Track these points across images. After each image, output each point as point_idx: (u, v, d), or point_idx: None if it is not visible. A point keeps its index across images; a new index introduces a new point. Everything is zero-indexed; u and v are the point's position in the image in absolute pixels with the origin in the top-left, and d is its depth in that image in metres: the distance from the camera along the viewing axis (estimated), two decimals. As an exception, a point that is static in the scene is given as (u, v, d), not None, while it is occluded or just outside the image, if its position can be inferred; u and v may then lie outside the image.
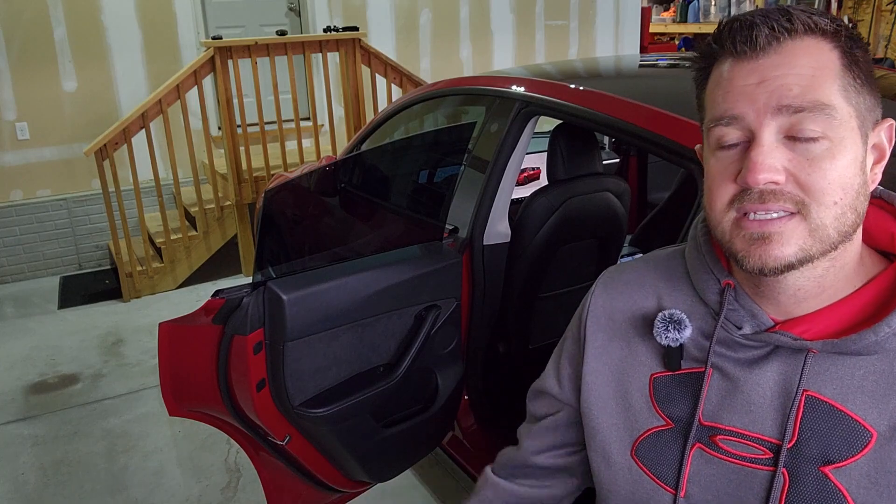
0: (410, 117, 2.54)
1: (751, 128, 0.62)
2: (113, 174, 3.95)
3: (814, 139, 0.60)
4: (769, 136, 0.61)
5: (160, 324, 1.51)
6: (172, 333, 1.52)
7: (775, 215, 0.62)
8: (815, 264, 0.64)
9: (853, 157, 0.61)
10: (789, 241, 0.62)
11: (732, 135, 0.64)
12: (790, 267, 0.63)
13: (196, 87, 4.05)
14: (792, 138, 0.61)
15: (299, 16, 5.22)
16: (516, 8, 5.93)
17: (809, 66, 0.61)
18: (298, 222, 1.96)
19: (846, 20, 5.53)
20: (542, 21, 6.09)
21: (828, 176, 0.60)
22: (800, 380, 0.66)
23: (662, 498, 0.73)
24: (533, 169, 3.11)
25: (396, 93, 4.62)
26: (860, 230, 0.66)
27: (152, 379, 3.26)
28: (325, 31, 4.51)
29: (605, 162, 2.85)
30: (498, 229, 1.97)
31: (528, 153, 2.08)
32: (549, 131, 2.05)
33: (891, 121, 0.65)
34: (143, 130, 3.97)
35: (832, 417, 0.64)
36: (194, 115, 4.26)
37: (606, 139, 3.21)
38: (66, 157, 4.59)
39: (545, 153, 2.07)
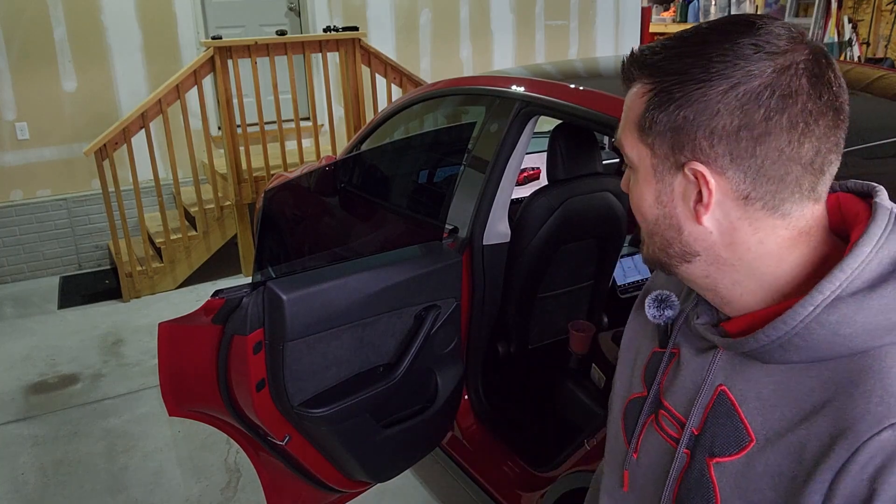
0: (410, 117, 2.54)
1: None
2: (113, 174, 3.95)
3: (630, 168, 0.71)
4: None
5: (160, 324, 1.51)
6: (172, 333, 1.52)
7: None
8: (688, 275, 0.71)
9: (647, 191, 0.69)
10: (645, 244, 0.74)
11: None
12: (650, 265, 0.74)
13: (196, 87, 4.05)
14: None
15: (299, 16, 5.22)
16: (516, 8, 5.93)
17: (624, 110, 0.70)
18: (298, 222, 1.96)
19: (846, 20, 5.52)
20: (542, 21, 6.09)
21: (631, 200, 0.72)
22: (707, 373, 0.71)
23: (622, 454, 0.83)
24: (533, 169, 3.11)
25: (396, 93, 4.62)
26: (746, 254, 0.66)
27: (152, 379, 3.26)
28: (325, 31, 4.51)
29: (605, 162, 2.85)
30: (498, 229, 1.97)
31: (528, 153, 2.08)
32: (549, 131, 2.05)
33: (696, 165, 0.64)
34: (143, 130, 3.97)
35: (729, 415, 0.69)
36: (194, 115, 4.26)
37: (606, 139, 3.20)
38: (66, 157, 4.59)
39: (545, 153, 2.07)
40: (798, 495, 0.61)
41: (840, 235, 0.67)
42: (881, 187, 0.68)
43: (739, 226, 0.65)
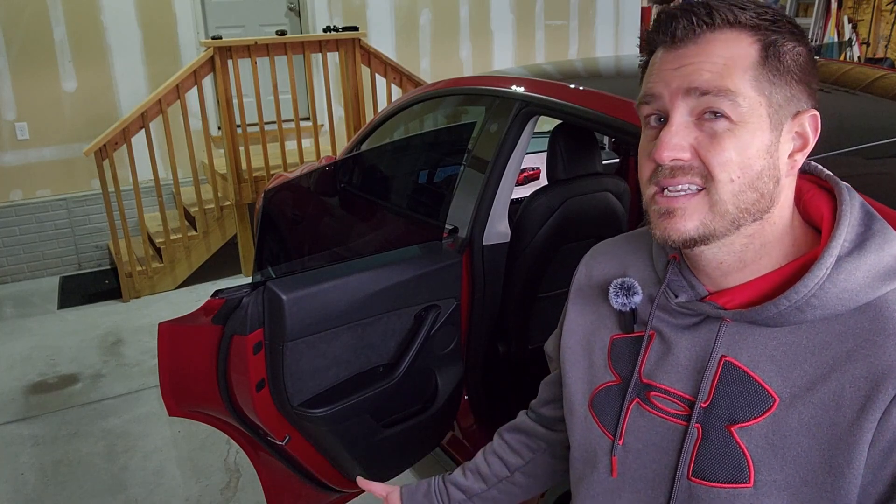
0: (410, 117, 2.54)
1: (666, 108, 0.69)
2: (113, 174, 3.95)
3: (717, 119, 0.67)
4: (679, 116, 0.68)
5: (160, 324, 1.51)
6: (172, 333, 1.52)
7: (683, 190, 0.68)
8: (730, 240, 0.70)
9: (757, 141, 0.67)
10: (691, 217, 0.68)
11: (651, 113, 0.71)
12: (693, 241, 0.69)
13: (196, 87, 4.05)
14: (700, 118, 0.68)
15: (299, 16, 5.22)
16: (516, 8, 5.93)
17: (723, 57, 0.67)
18: (298, 222, 1.96)
19: (846, 20, 5.53)
20: (542, 21, 6.09)
21: (725, 153, 0.66)
22: (713, 345, 0.73)
23: (605, 444, 0.82)
24: (533, 169, 3.11)
25: (396, 93, 4.62)
26: (784, 212, 0.71)
27: (152, 379, 3.26)
28: (324, 31, 4.51)
29: (605, 162, 2.85)
30: (498, 229, 1.97)
31: (528, 153, 2.08)
32: (549, 131, 2.05)
33: (814, 111, 0.69)
34: (143, 130, 3.97)
35: (743, 382, 0.71)
36: (194, 115, 4.26)
37: (606, 139, 3.20)
38: (66, 157, 4.59)
39: (545, 153, 2.07)
40: (846, 438, 0.65)
41: None
42: (810, 162, 0.76)
43: (791, 180, 0.71)
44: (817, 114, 0.69)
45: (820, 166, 0.76)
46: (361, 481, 1.13)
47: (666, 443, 0.76)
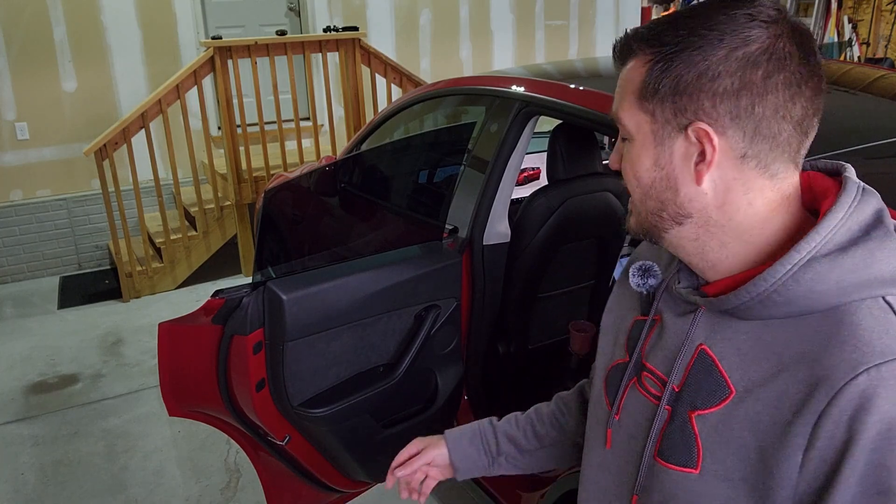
0: (410, 117, 2.54)
1: None
2: (113, 174, 3.95)
3: (624, 140, 0.75)
4: (621, 135, 0.77)
5: (160, 324, 1.51)
6: (172, 333, 1.52)
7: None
8: (674, 241, 0.75)
9: (643, 156, 0.72)
10: (632, 216, 0.78)
11: None
12: (637, 234, 0.78)
13: (196, 87, 4.05)
14: None
15: (299, 16, 5.22)
16: (516, 8, 5.93)
17: (623, 82, 0.74)
18: (298, 222, 1.96)
19: (846, 20, 5.53)
20: (542, 21, 6.09)
21: (624, 168, 0.76)
22: (688, 332, 0.76)
23: (604, 415, 0.87)
24: (533, 169, 3.11)
25: (396, 93, 4.62)
26: (738, 215, 0.70)
27: (152, 379, 3.26)
28: (324, 31, 4.51)
29: (604, 162, 2.85)
30: (498, 229, 1.97)
31: (528, 153, 2.08)
32: (549, 131, 2.05)
33: (700, 123, 0.67)
34: (143, 130, 3.97)
35: (710, 371, 0.73)
36: (194, 115, 4.26)
37: (606, 139, 3.20)
38: (66, 157, 4.59)
39: (545, 153, 2.07)
40: (780, 438, 0.65)
41: (810, 211, 0.73)
42: (849, 165, 0.74)
43: (733, 186, 0.69)
44: (705, 128, 0.67)
45: (848, 168, 0.74)
46: (390, 478, 1.15)
47: (644, 421, 0.80)
